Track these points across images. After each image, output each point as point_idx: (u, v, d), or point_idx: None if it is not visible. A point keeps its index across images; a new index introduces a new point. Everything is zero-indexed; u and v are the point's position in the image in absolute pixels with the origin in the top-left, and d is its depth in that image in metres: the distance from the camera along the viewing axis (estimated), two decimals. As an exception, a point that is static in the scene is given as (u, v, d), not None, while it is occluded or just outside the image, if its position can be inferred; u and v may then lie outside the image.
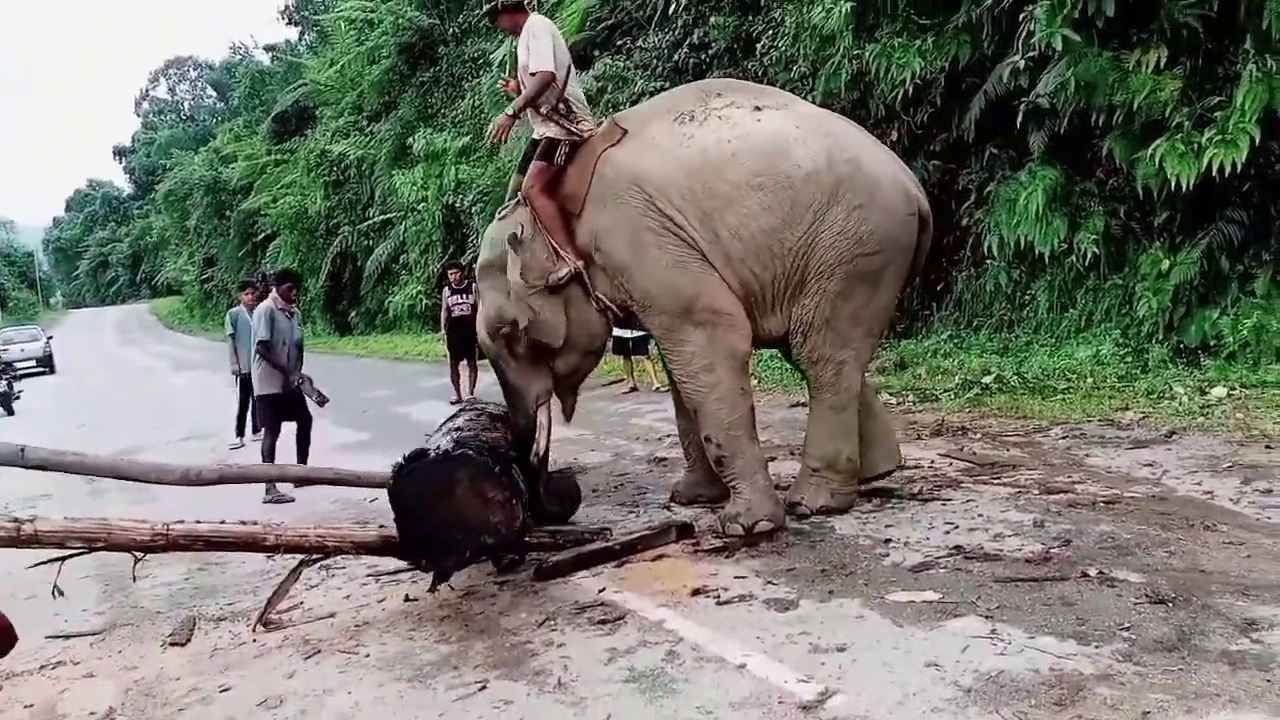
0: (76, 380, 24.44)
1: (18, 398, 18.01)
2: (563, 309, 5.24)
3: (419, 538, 4.48)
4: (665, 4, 14.31)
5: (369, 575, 5.19)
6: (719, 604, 4.12)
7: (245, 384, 9.82)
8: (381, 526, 4.87)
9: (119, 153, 74.44)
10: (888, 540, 4.70)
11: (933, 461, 6.22)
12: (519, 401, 5.43)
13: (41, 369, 27.77)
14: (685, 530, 5.12)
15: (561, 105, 5.24)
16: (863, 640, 3.57)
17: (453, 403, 11.46)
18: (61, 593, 4.31)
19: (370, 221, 26.42)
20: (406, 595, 4.77)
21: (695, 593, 4.27)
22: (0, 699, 4.06)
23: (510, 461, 4.76)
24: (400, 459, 4.56)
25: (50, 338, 30.47)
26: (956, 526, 4.80)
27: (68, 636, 4.78)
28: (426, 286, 22.79)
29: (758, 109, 5.06)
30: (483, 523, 4.46)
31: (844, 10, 10.38)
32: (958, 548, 4.47)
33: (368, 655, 4.06)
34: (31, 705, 3.97)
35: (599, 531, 5.13)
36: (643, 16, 15.48)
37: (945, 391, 8.52)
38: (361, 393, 14.73)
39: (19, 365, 25.50)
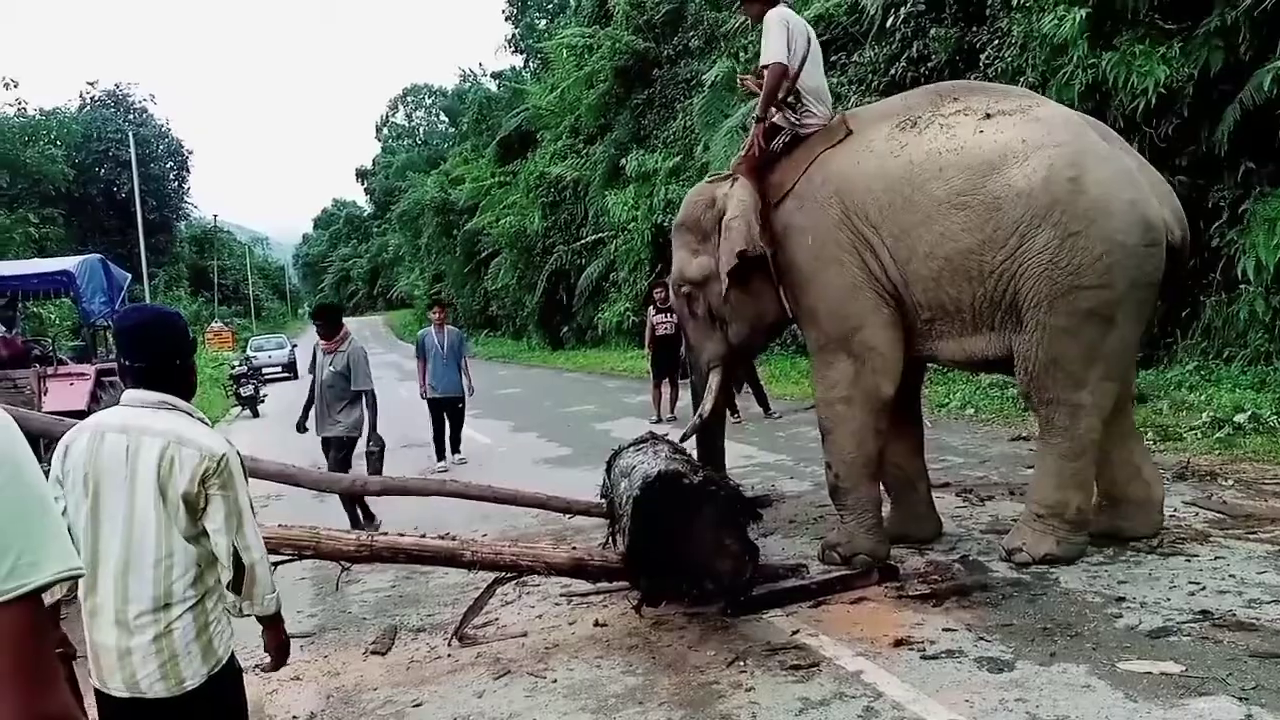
0: (315, 386, 26.34)
1: (262, 400, 19.57)
2: (743, 289, 5.29)
3: (646, 556, 4.32)
4: (883, 17, 13.88)
5: (562, 595, 5.18)
6: (924, 658, 3.80)
7: (435, 407, 10.05)
8: (574, 549, 4.84)
9: (360, 175, 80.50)
10: (1121, 599, 4.21)
11: (1175, 510, 5.57)
12: (694, 358, 5.82)
13: (286, 374, 30.12)
14: (889, 572, 4.80)
15: (790, 97, 5.22)
16: (1089, 715, 3.17)
17: (653, 421, 11.49)
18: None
19: (583, 240, 27.15)
20: (596, 620, 4.71)
21: (898, 643, 3.96)
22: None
23: (751, 516, 4.53)
24: (656, 473, 4.39)
25: (295, 345, 33.10)
26: (1203, 587, 4.25)
27: (282, 636, 5.01)
28: (634, 304, 23.13)
29: (988, 116, 4.73)
30: (710, 565, 4.27)
31: (1078, 17, 9.69)
32: (1204, 612, 3.94)
33: (555, 680, 4.01)
34: (243, 703, 4.15)
35: (795, 568, 4.89)
36: (859, 31, 15.09)
37: (1190, 430, 7.69)
38: (566, 407, 15.08)
39: (267, 370, 27.78)
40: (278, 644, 2.59)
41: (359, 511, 6.95)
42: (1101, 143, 4.68)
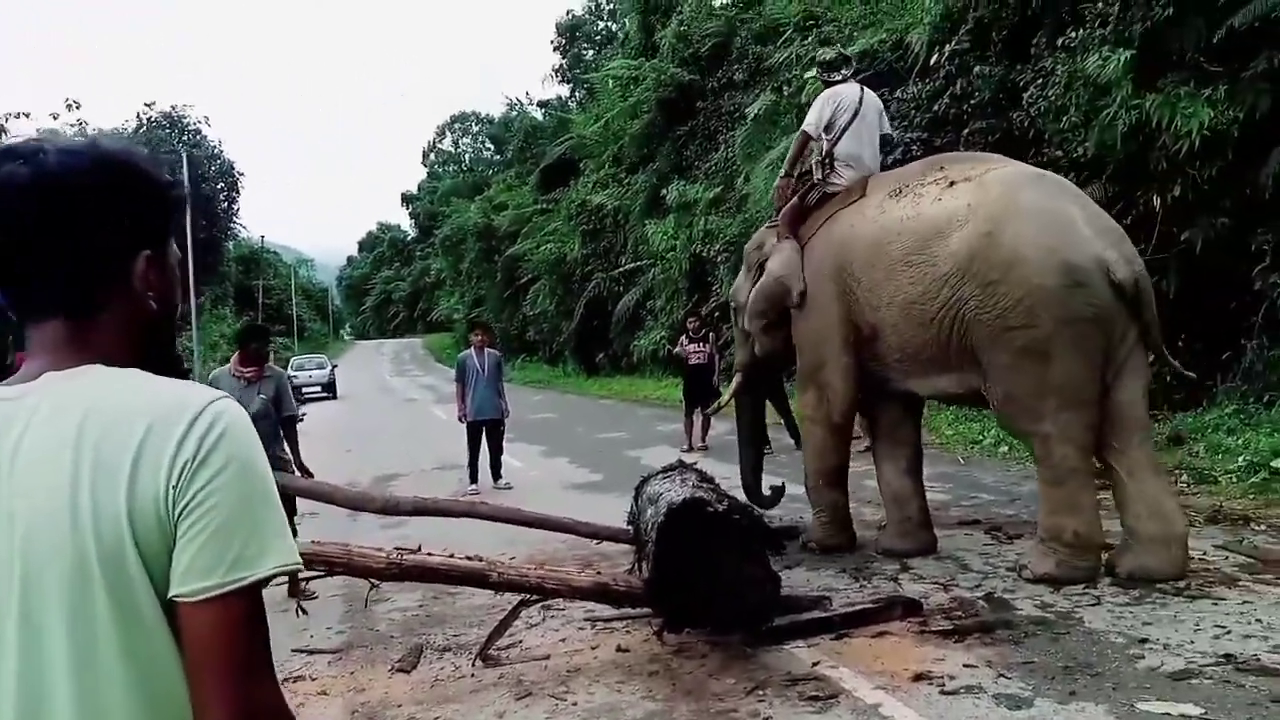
0: (353, 407, 26.70)
1: (301, 419, 19.83)
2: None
3: (669, 583, 4.36)
4: (927, 54, 13.94)
5: (585, 619, 5.23)
6: (943, 693, 3.81)
7: (474, 430, 10.14)
8: (598, 574, 4.90)
9: (406, 199, 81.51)
10: (1144, 640, 4.19)
11: (1205, 553, 5.51)
12: (736, 354, 7.27)
13: (326, 394, 30.54)
14: (912, 607, 4.80)
15: (827, 160, 6.19)
16: (1105, 755, 3.16)
17: (684, 450, 11.53)
18: (305, 611, 4.62)
19: (621, 269, 27.33)
20: (619, 645, 4.75)
21: (918, 677, 3.97)
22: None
23: (774, 547, 4.69)
24: (681, 500, 4.44)
25: (335, 366, 33.56)
26: (1229, 631, 4.21)
27: (311, 652, 5.11)
28: (670, 332, 23.23)
29: (952, 184, 5.39)
30: (733, 594, 4.30)
31: (1123, 58, 9.68)
32: (1228, 656, 3.91)
33: (575, 704, 4.05)
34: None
35: (818, 600, 4.90)
36: (902, 68, 15.15)
37: (1226, 474, 7.60)
38: (599, 433, 15.15)
39: (306, 390, 28.15)
40: None
41: None
42: (1034, 199, 5.13)
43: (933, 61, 13.79)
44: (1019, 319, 4.92)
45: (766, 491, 6.98)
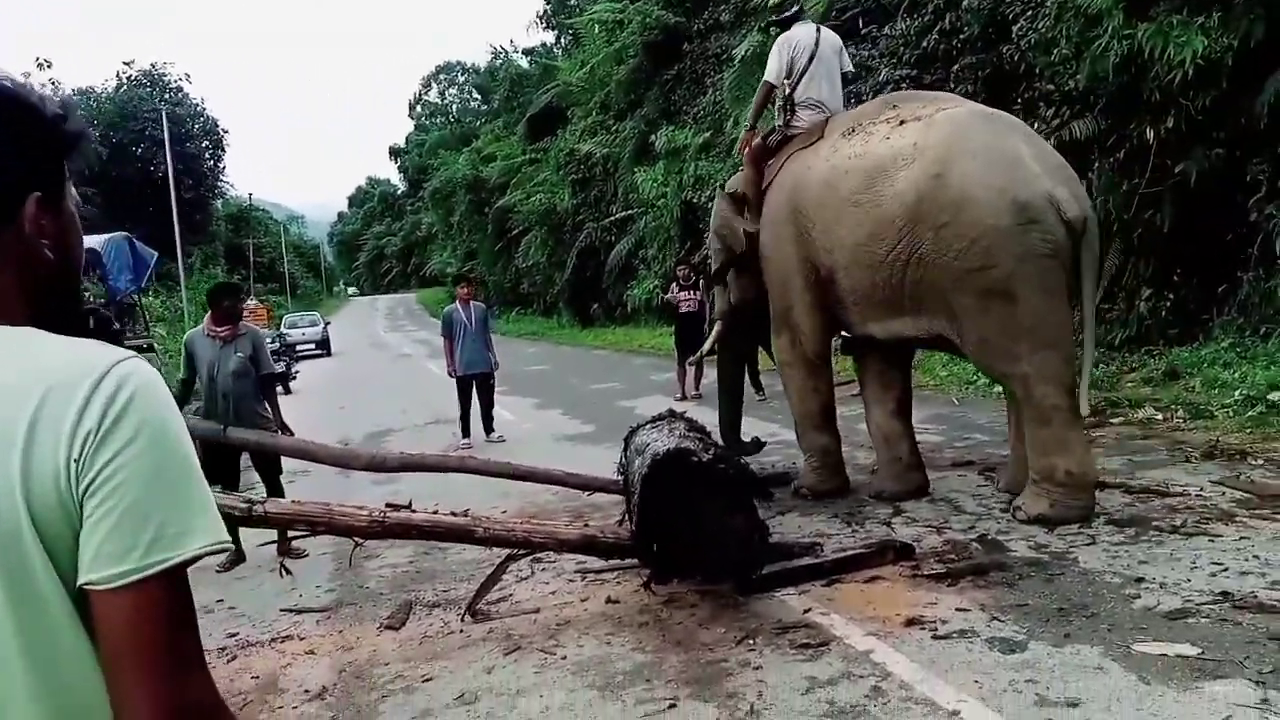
0: (346, 363, 26.62)
1: (294, 378, 19.77)
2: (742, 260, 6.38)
3: (656, 533, 4.31)
4: (915, -11, 13.64)
5: (576, 571, 5.18)
6: (935, 638, 3.75)
7: (464, 384, 10.07)
8: (587, 525, 4.84)
9: (394, 153, 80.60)
10: (1140, 579, 4.13)
11: (1201, 489, 5.46)
12: (715, 303, 7.32)
13: (319, 351, 30.43)
14: (904, 551, 4.75)
15: (788, 105, 6.16)
16: (1100, 697, 3.11)
17: (676, 399, 11.47)
18: (289, 571, 4.57)
19: (612, 217, 27.07)
20: (609, 597, 4.70)
21: (910, 623, 3.92)
22: (235, 667, 4.33)
23: (761, 495, 4.62)
24: (664, 451, 4.35)
25: (328, 323, 33.42)
26: (1225, 569, 4.15)
27: (299, 611, 5.07)
28: (663, 281, 23.08)
29: (902, 123, 5.35)
30: (720, 543, 4.24)
31: (1114, -14, 9.42)
32: (1225, 594, 3.85)
33: (564, 657, 4.01)
34: (258, 677, 4.20)
35: (809, 546, 4.85)
36: (890, 3, 14.84)
37: (1223, 408, 7.53)
38: (592, 384, 15.09)
39: (300, 348, 28.06)
40: None
41: None
42: (982, 138, 5.05)
43: (921, -4, 13.49)
44: (976, 260, 4.88)
45: (746, 440, 6.99)
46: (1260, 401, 7.42)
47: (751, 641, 3.91)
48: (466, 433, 10.10)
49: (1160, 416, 7.67)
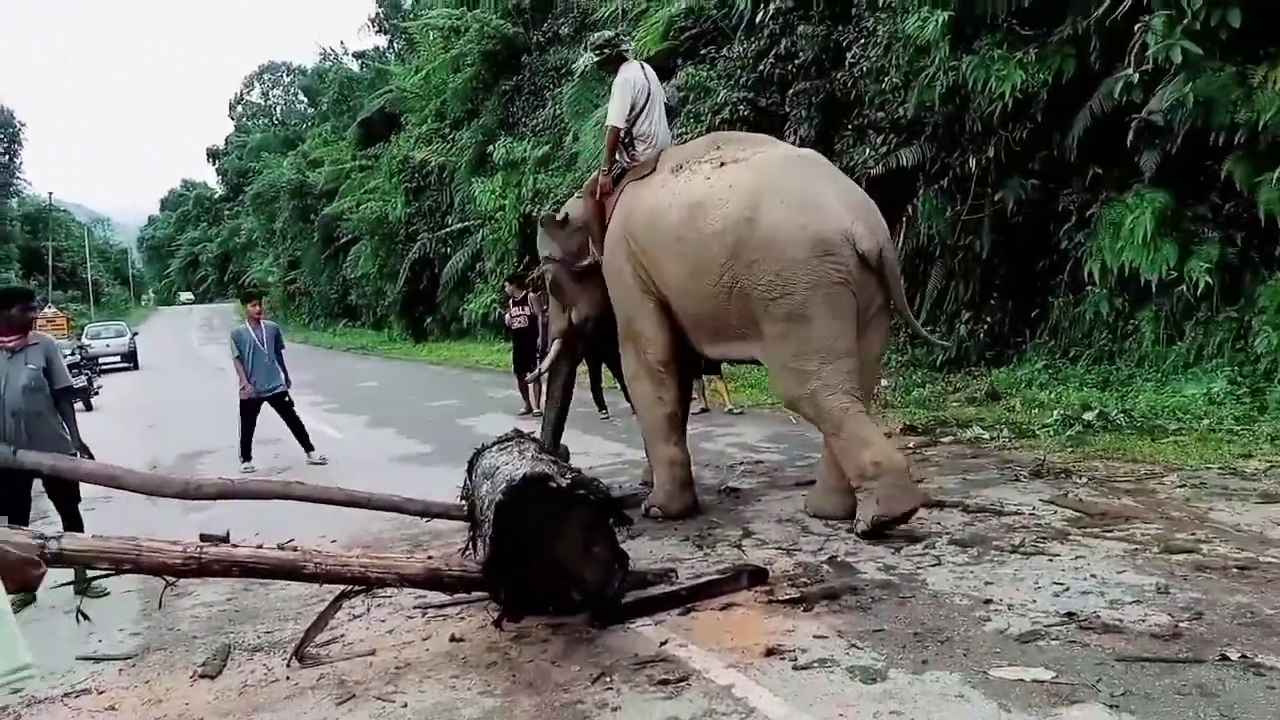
0: (156, 378, 24.85)
1: (97, 393, 18.27)
2: (582, 282, 6.60)
3: (508, 565, 4.02)
4: (752, 13, 13.90)
5: (416, 607, 4.84)
6: (796, 668, 3.65)
7: (252, 407, 9.50)
8: (429, 557, 4.52)
9: (212, 155, 76.60)
10: (988, 601, 4.18)
11: (1034, 508, 5.65)
12: (551, 325, 7.32)
13: (126, 364, 28.37)
14: (758, 576, 4.66)
15: (627, 139, 6.42)
16: (964, 727, 3.07)
17: (521, 414, 11.22)
18: (87, 617, 4.07)
19: (448, 229, 26.46)
20: (452, 634, 4.39)
21: (769, 652, 3.81)
22: (18, 728, 3.79)
23: (621, 521, 4.48)
24: (520, 475, 4.09)
25: (135, 334, 31.20)
26: (1067, 588, 4.26)
27: (99, 659, 4.52)
28: (501, 295, 22.74)
29: (722, 165, 5.69)
30: (578, 574, 4.05)
31: (941, 20, 9.85)
32: (1070, 614, 3.93)
33: (405, 705, 3.68)
34: (46, 740, 3.69)
35: (663, 573, 4.69)
36: (728, 26, 15.10)
37: (1043, 428, 7.88)
38: (429, 402, 14.58)
39: (104, 360, 26.02)
40: None
41: None
42: (791, 182, 5.45)
43: (758, 20, 13.76)
44: (777, 290, 5.25)
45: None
46: (1077, 421, 7.83)
47: (608, 679, 3.71)
48: (247, 456, 9.48)
49: (988, 436, 7.96)
